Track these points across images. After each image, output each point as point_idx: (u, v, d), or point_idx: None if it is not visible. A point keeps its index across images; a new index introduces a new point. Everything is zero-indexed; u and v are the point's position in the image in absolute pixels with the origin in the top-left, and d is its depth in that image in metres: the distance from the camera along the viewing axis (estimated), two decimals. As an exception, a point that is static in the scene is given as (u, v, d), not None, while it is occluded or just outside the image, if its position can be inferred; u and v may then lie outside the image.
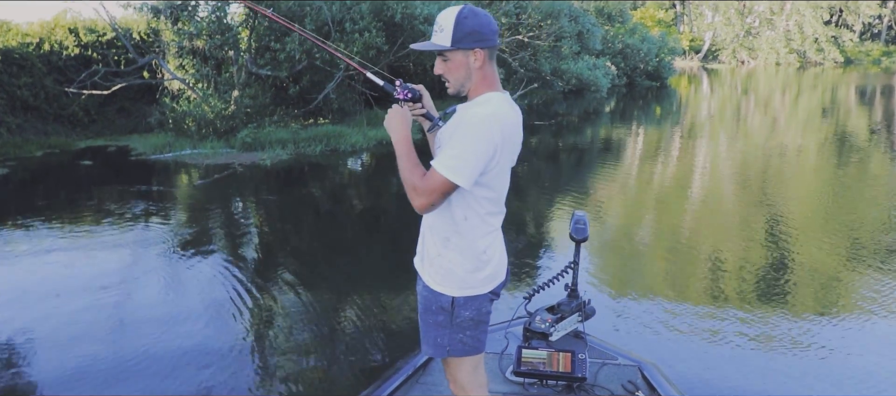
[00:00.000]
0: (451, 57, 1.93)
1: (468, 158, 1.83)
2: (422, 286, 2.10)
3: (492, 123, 1.85)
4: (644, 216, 7.83)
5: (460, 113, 1.96)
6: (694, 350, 4.11)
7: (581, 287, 3.29)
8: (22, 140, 11.89)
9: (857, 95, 24.99)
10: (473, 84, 1.96)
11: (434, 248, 2.03)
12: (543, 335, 3.12)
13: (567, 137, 14.26)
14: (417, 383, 2.97)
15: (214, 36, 12.09)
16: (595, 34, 20.71)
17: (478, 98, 1.96)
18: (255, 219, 7.67)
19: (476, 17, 1.89)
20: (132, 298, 5.02)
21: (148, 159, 10.93)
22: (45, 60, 13.06)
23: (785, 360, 4.00)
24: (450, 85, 1.99)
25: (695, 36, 47.95)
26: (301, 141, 11.48)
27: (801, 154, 11.88)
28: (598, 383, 2.89)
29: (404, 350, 3.75)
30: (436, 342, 2.08)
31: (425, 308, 2.09)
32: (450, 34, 1.89)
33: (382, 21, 12.67)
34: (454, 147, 1.84)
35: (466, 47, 1.90)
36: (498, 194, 1.99)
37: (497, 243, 2.06)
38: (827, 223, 7.17)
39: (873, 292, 5.06)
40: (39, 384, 3.76)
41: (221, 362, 3.93)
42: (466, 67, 1.93)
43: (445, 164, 1.83)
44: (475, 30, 1.89)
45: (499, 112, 1.90)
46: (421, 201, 1.87)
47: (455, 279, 2.01)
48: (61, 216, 7.51)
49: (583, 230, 3.15)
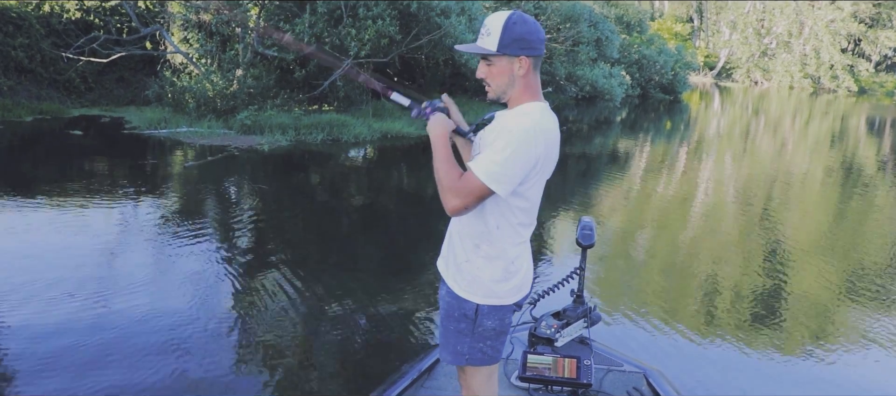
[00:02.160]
0: (495, 62, 1.88)
1: (509, 167, 1.79)
2: (445, 290, 2.05)
3: (537, 135, 1.82)
4: (651, 227, 7.75)
5: (501, 120, 1.92)
6: (699, 358, 4.11)
7: (587, 293, 3.29)
8: (13, 103, 11.41)
9: (867, 125, 24.59)
10: (516, 92, 1.91)
11: (463, 253, 1.98)
12: (549, 340, 3.10)
13: (576, 145, 13.82)
14: (422, 387, 2.95)
15: (222, 11, 11.60)
16: (613, 42, 20.23)
17: (520, 107, 1.91)
18: (246, 207, 7.20)
19: (525, 24, 1.85)
20: (112, 283, 4.65)
21: (142, 133, 10.46)
22: (44, 22, 12.57)
23: (790, 370, 4.01)
24: (490, 90, 1.93)
25: (710, 52, 47.42)
26: (302, 128, 10.99)
27: (806, 180, 11.74)
28: (604, 389, 2.89)
29: (401, 351, 3.77)
30: (455, 350, 2.04)
31: (447, 314, 2.04)
32: (497, 39, 1.84)
33: (397, 9, 12.17)
34: (497, 154, 1.79)
35: (513, 54, 1.86)
36: (532, 205, 1.96)
37: (526, 255, 2.03)
38: (831, 247, 7.11)
39: (875, 312, 5.07)
40: (10, 367, 3.48)
41: (212, 364, 3.68)
42: (510, 74, 1.89)
43: (486, 169, 1.78)
44: (523, 37, 1.84)
45: (544, 124, 1.86)
46: (455, 202, 1.82)
47: (481, 287, 1.97)
48: (42, 189, 7.04)
49: (589, 236, 3.13)
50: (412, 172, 8.49)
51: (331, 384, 3.60)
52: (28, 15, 12.23)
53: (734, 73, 46.64)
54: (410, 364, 3.16)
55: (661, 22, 44.06)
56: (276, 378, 3.61)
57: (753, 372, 3.91)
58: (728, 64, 46.71)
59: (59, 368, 3.46)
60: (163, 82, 12.01)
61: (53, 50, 12.37)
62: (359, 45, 11.37)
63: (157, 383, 3.39)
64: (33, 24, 12.25)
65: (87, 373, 3.42)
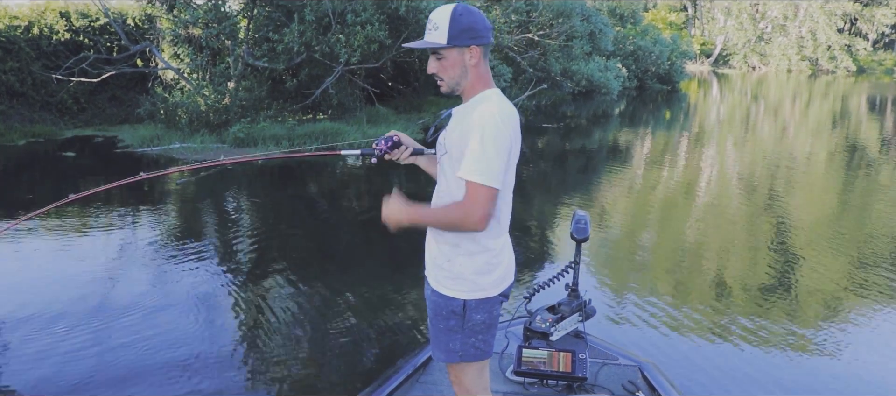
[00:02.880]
0: (446, 55, 1.90)
1: (493, 158, 1.81)
2: (430, 291, 2.07)
3: (505, 120, 1.85)
4: (647, 219, 7.69)
5: (461, 115, 1.94)
6: (695, 351, 4.10)
7: (582, 287, 3.28)
8: (5, 128, 11.36)
9: (868, 104, 24.41)
10: (469, 82, 1.94)
11: (442, 256, 1.99)
12: (544, 334, 3.12)
13: (574, 140, 13.73)
14: (417, 382, 2.95)
15: (211, 24, 11.51)
16: (607, 35, 20.08)
17: (477, 96, 1.94)
18: (239, 221, 7.12)
19: (471, 14, 1.88)
20: (111, 298, 4.69)
21: (134, 151, 10.39)
22: (33, 45, 12.50)
23: (786, 363, 3.98)
24: (443, 84, 1.95)
25: (706, 40, 47.22)
26: (296, 138, 10.90)
27: (809, 163, 11.64)
28: (599, 383, 2.90)
29: (397, 348, 3.79)
30: (448, 348, 2.04)
31: (435, 313, 2.05)
32: (445, 31, 1.86)
33: (386, 14, 12.07)
34: (478, 151, 1.80)
35: (462, 44, 1.88)
36: (507, 193, 1.96)
37: (506, 244, 2.03)
38: (833, 233, 6.99)
39: (878, 303, 4.96)
40: (12, 385, 3.52)
41: (210, 363, 3.76)
42: (462, 65, 1.91)
43: (478, 170, 1.80)
44: (470, 26, 1.87)
45: (506, 108, 1.89)
46: (476, 218, 1.82)
47: (466, 283, 1.97)
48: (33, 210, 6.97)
49: (584, 230, 3.13)
50: (411, 178, 8.41)
51: (326, 381, 3.61)
52: (18, 38, 12.18)
53: (731, 59, 46.42)
54: (405, 359, 3.19)
55: (655, 12, 43.92)
56: (274, 376, 3.61)
57: (749, 366, 3.89)
58: (724, 50, 46.50)
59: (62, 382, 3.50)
60: (155, 99, 11.94)
61: (44, 72, 12.31)
62: (349, 52, 11.29)
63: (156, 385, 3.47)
64: (23, 47, 12.19)
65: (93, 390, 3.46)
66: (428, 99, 15.66)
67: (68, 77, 12.01)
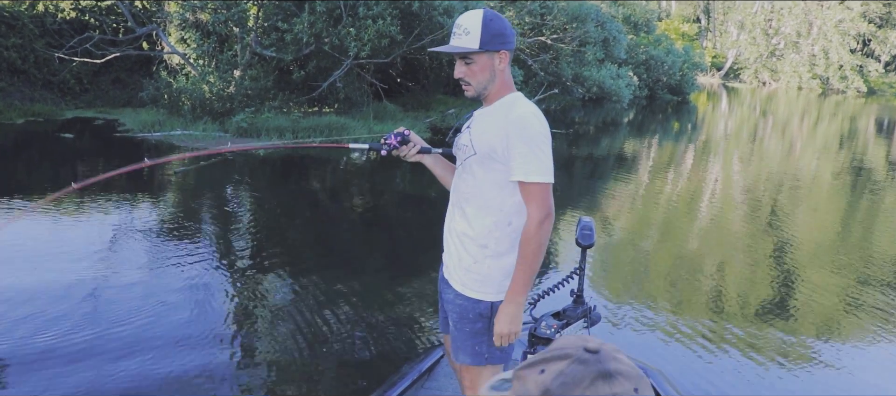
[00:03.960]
0: (476, 59, 1.92)
1: (544, 156, 1.87)
2: (454, 294, 2.06)
3: (543, 120, 1.91)
4: (653, 228, 7.63)
5: (489, 118, 1.95)
6: (699, 359, 4.08)
7: (587, 294, 3.15)
8: (5, 105, 11.13)
9: (876, 126, 24.16)
10: (496, 86, 1.96)
11: (469, 257, 2.00)
12: (549, 341, 2.93)
13: (582, 146, 13.48)
14: (422, 388, 2.94)
15: (220, 10, 11.26)
16: (621, 42, 19.81)
17: (503, 99, 1.97)
18: (243, 211, 6.87)
19: (500, 20, 1.91)
20: (105, 288, 4.49)
21: (135, 136, 10.15)
22: (37, 22, 12.28)
23: (790, 373, 3.97)
24: (470, 88, 1.96)
25: (718, 52, 46.89)
26: (301, 130, 10.66)
27: (814, 182, 11.46)
28: None
29: (401, 353, 3.78)
30: (474, 351, 2.04)
31: (461, 317, 2.04)
32: (477, 37, 1.87)
33: (399, 8, 11.81)
34: (525, 152, 1.84)
35: (494, 49, 1.90)
36: None
37: None
38: (836, 249, 6.99)
39: (880, 316, 4.96)
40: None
41: (208, 362, 3.62)
42: (491, 69, 1.93)
43: (535, 170, 1.85)
44: (501, 32, 1.90)
45: (538, 110, 1.93)
46: (544, 215, 1.88)
47: (493, 285, 1.99)
48: (31, 197, 6.73)
49: (589, 236, 3.01)
50: (414, 175, 8.17)
51: (330, 385, 3.54)
52: (21, 14, 11.95)
53: (742, 73, 46.09)
54: (410, 364, 3.17)
55: (669, 22, 43.61)
56: (275, 379, 3.53)
57: (754, 375, 3.88)
58: (736, 64, 46.17)
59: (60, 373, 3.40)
60: (159, 84, 11.70)
61: (47, 50, 12.08)
62: (359, 46, 11.03)
63: (155, 387, 3.37)
64: (27, 23, 11.96)
65: (94, 380, 3.38)
66: (436, 97, 15.41)
67: (71, 57, 11.78)
